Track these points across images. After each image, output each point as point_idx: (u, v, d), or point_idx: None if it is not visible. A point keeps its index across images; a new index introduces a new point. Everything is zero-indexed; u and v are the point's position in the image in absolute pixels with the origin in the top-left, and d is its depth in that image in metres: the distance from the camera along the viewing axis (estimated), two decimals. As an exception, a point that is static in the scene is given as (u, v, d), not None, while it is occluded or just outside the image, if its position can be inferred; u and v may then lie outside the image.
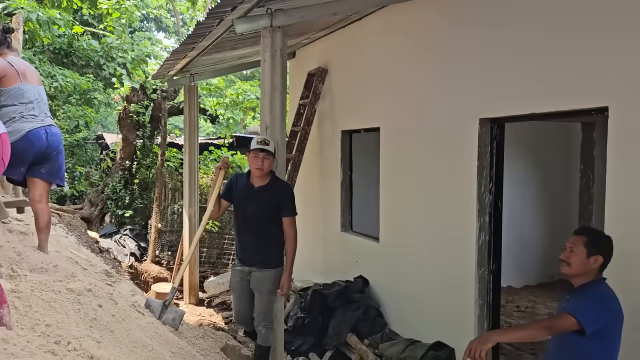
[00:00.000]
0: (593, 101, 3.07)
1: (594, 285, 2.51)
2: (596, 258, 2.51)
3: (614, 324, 2.45)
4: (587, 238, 2.54)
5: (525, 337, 2.56)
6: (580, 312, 2.38)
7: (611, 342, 2.48)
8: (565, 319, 2.38)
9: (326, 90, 6.37)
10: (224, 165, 4.04)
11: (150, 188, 9.66)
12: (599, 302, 2.44)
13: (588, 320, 2.36)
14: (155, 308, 3.52)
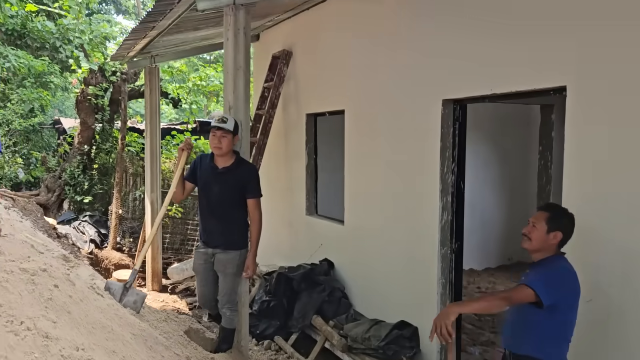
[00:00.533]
0: (551, 81, 3.13)
1: (553, 259, 2.58)
2: (556, 234, 2.57)
3: (571, 298, 2.53)
4: (549, 214, 2.61)
5: (484, 308, 2.62)
6: (538, 284, 2.44)
7: (568, 315, 2.55)
8: (522, 291, 2.44)
9: (291, 73, 6.31)
10: (186, 147, 3.97)
11: (110, 173, 9.41)
12: (557, 275, 2.51)
13: (545, 292, 2.42)
14: (115, 291, 3.43)
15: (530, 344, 2.55)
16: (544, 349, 2.52)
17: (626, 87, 2.75)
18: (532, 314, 2.53)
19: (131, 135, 9.68)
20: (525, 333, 2.58)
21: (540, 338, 2.52)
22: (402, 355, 4.23)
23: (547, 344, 2.52)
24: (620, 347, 2.82)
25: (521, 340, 2.60)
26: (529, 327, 2.56)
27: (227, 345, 3.92)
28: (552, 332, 2.52)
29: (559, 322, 2.53)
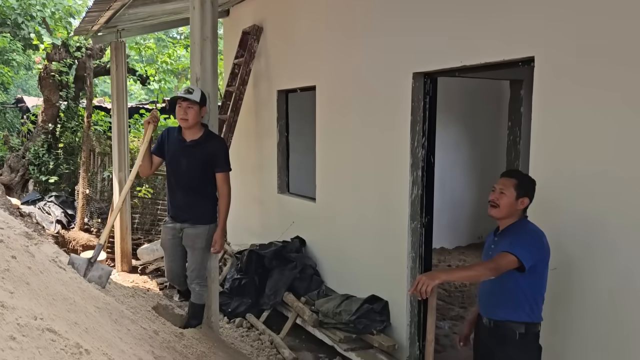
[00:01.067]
0: (520, 52, 3.14)
1: (522, 223, 2.62)
2: (523, 200, 2.61)
3: (546, 258, 2.58)
4: (517, 181, 2.63)
5: (472, 277, 2.65)
6: (518, 249, 2.47)
7: (543, 275, 2.61)
8: (506, 258, 2.47)
9: (261, 49, 6.21)
10: (153, 119, 3.86)
11: (76, 153, 9.16)
12: (532, 238, 2.55)
13: (526, 256, 2.46)
14: (79, 266, 3.33)
15: (510, 309, 2.59)
16: (523, 312, 2.57)
17: (593, 57, 2.77)
18: (511, 279, 2.57)
19: (98, 114, 9.42)
20: (505, 299, 2.62)
21: (520, 301, 2.57)
22: (372, 329, 4.26)
23: (526, 306, 2.57)
24: (584, 315, 2.88)
25: (500, 307, 2.64)
26: (510, 293, 2.59)
27: (197, 321, 3.87)
28: (530, 294, 2.57)
29: (536, 283, 2.58)
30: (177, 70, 10.14)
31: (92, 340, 2.20)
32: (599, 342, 2.81)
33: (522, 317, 2.57)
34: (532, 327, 2.59)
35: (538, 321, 2.62)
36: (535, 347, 2.63)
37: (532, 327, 2.59)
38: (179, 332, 3.37)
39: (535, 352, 2.64)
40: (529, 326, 2.58)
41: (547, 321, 2.97)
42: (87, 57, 8.43)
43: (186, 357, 3.02)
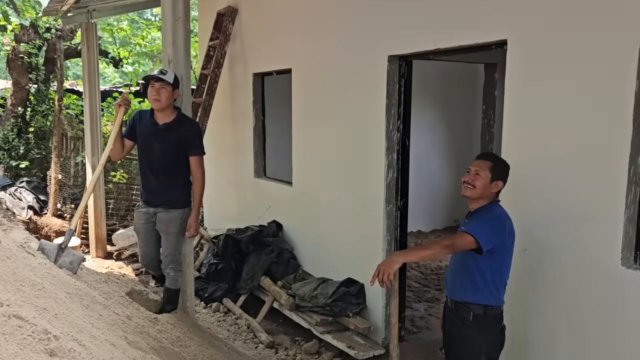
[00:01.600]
0: (492, 35, 3.15)
1: (490, 206, 2.65)
2: (497, 183, 2.64)
3: (509, 242, 2.61)
4: (492, 163, 2.66)
5: (428, 256, 2.67)
6: (477, 231, 2.50)
7: (505, 260, 2.64)
8: (464, 238, 2.50)
9: (237, 31, 6.12)
10: (124, 102, 3.78)
11: (47, 137, 8.93)
12: (494, 221, 2.57)
13: (484, 238, 2.49)
14: (50, 251, 3.27)
15: (470, 290, 2.62)
16: (482, 294, 2.61)
17: (563, 41, 2.79)
18: (471, 260, 2.60)
19: (69, 97, 9.19)
20: (465, 280, 2.65)
21: (478, 284, 2.60)
22: (348, 312, 4.29)
23: (485, 289, 2.60)
24: (551, 293, 2.95)
25: (461, 288, 2.67)
26: (469, 274, 2.63)
27: (172, 306, 3.85)
28: (490, 278, 2.60)
29: (497, 267, 2.61)
30: (152, 52, 9.92)
31: (61, 326, 2.16)
32: (566, 321, 2.88)
33: (480, 300, 2.61)
34: (491, 310, 2.62)
35: (498, 304, 2.65)
36: (495, 330, 2.67)
37: (490, 310, 2.62)
38: (153, 317, 3.35)
39: (495, 335, 2.68)
40: (487, 309, 2.61)
41: (517, 301, 3.04)
42: (57, 39, 8.18)
43: (160, 342, 3.00)
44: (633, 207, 2.62)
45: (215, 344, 3.72)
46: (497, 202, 2.69)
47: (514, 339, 3.16)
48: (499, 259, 2.59)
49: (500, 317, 2.69)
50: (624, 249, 2.62)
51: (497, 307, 2.66)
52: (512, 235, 2.62)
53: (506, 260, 2.64)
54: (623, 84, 2.55)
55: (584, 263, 2.77)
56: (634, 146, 2.56)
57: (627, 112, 2.55)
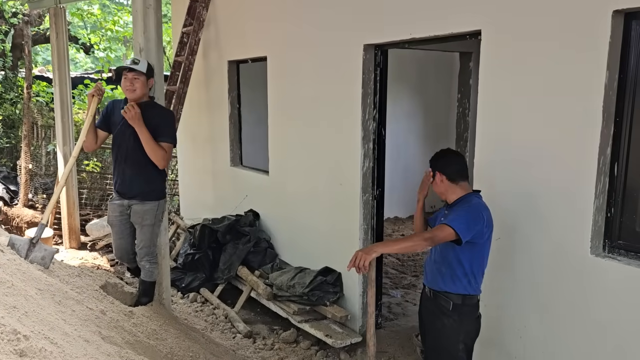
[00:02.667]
0: (467, 25, 3.16)
1: (466, 197, 2.69)
2: (440, 176, 2.76)
3: (485, 232, 2.64)
4: (430, 164, 2.84)
5: (408, 248, 2.71)
6: (456, 222, 2.54)
7: (483, 249, 2.68)
8: (443, 230, 2.53)
9: (210, 17, 6.01)
10: (97, 92, 3.69)
11: (17, 126, 8.71)
12: (472, 212, 2.61)
13: (463, 229, 2.53)
14: (21, 247, 3.20)
15: (449, 280, 2.66)
16: (461, 284, 2.66)
17: (534, 31, 2.82)
18: (451, 251, 2.64)
19: (39, 84, 8.95)
20: (444, 270, 2.70)
21: (457, 274, 2.64)
22: (325, 300, 4.32)
23: (464, 279, 2.65)
24: (523, 281, 3.01)
25: (441, 277, 2.71)
26: (448, 264, 2.67)
27: (148, 298, 3.81)
28: (469, 268, 2.65)
29: (476, 257, 2.66)
30: (124, 38, 9.69)
31: (32, 324, 2.13)
32: (537, 308, 2.95)
33: (459, 289, 2.66)
34: (469, 299, 2.68)
35: (476, 294, 2.71)
36: (471, 318, 2.73)
37: (468, 299, 2.68)
38: (129, 311, 3.31)
39: (472, 324, 2.74)
40: (465, 298, 2.66)
41: (490, 289, 3.10)
42: (24, 24, 7.92)
43: (135, 335, 2.97)
44: (602, 196, 2.67)
45: (192, 335, 3.71)
46: (475, 193, 2.74)
47: (487, 327, 3.22)
48: (478, 249, 2.64)
49: (477, 305, 2.75)
50: (593, 238, 2.68)
51: (475, 296, 2.72)
52: (490, 225, 2.67)
53: (484, 250, 2.69)
54: (593, 76, 2.59)
55: (555, 251, 2.83)
56: (603, 137, 2.61)
57: (596, 103, 2.59)
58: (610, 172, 2.66)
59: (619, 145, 2.62)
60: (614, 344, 2.61)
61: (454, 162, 2.77)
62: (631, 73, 2.56)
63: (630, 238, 2.64)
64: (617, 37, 2.53)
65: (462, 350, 2.71)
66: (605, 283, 2.63)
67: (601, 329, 2.66)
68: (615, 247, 2.68)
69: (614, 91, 2.59)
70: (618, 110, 2.61)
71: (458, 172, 2.74)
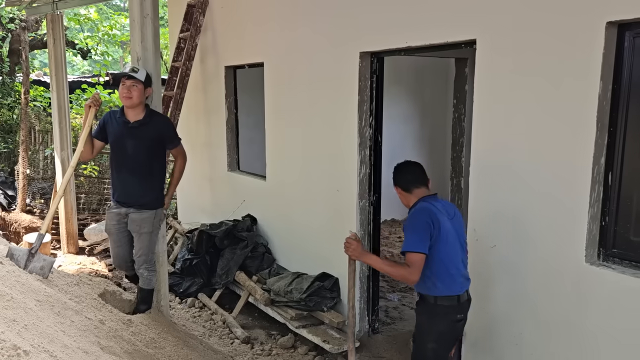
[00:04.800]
0: (462, 34, 3.18)
1: (414, 207, 2.82)
2: (396, 189, 2.92)
3: (433, 232, 2.69)
4: (393, 181, 2.96)
5: (387, 272, 2.84)
6: (410, 245, 2.65)
7: (438, 248, 2.71)
8: (411, 259, 2.64)
9: (208, 23, 6.02)
10: (94, 103, 3.70)
11: (14, 131, 8.71)
12: (416, 224, 2.71)
13: (420, 246, 2.63)
14: (20, 257, 3.21)
15: (420, 281, 2.71)
16: (426, 285, 2.75)
17: (529, 41, 2.84)
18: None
19: (36, 89, 8.95)
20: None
21: (423, 276, 2.69)
22: (323, 306, 4.34)
23: (428, 281, 2.73)
24: (518, 288, 3.04)
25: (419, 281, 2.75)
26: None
27: (146, 306, 3.83)
28: (429, 270, 2.69)
29: (432, 259, 2.69)
30: (120, 41, 9.68)
31: (32, 338, 2.14)
32: (531, 315, 2.98)
33: (426, 290, 2.78)
34: (442, 299, 2.74)
35: (450, 294, 2.74)
36: (446, 320, 2.77)
37: (441, 300, 2.74)
38: (127, 319, 3.33)
39: (446, 325, 2.79)
40: (437, 299, 2.74)
41: (485, 296, 3.12)
42: (21, 30, 7.94)
43: (134, 345, 2.99)
44: (596, 205, 2.70)
45: (191, 343, 3.73)
46: (423, 198, 2.82)
47: (483, 334, 3.25)
48: (431, 252, 2.68)
49: (455, 308, 2.76)
50: (588, 246, 2.70)
51: (449, 296, 2.74)
52: (437, 224, 2.69)
53: (437, 252, 2.69)
54: (587, 86, 2.61)
55: (550, 259, 2.86)
56: (597, 147, 2.63)
57: (590, 113, 2.61)
58: (605, 181, 2.69)
59: (612, 155, 2.65)
60: (608, 352, 2.64)
61: (404, 172, 2.91)
62: (624, 83, 2.58)
63: (624, 246, 2.67)
64: (611, 48, 2.56)
65: (430, 349, 2.79)
66: (599, 291, 2.65)
67: (596, 337, 2.68)
68: (610, 255, 2.70)
69: (607, 101, 2.62)
70: (612, 120, 2.63)
71: (409, 181, 2.87)
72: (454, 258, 2.75)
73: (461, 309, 2.80)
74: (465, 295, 2.81)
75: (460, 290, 2.77)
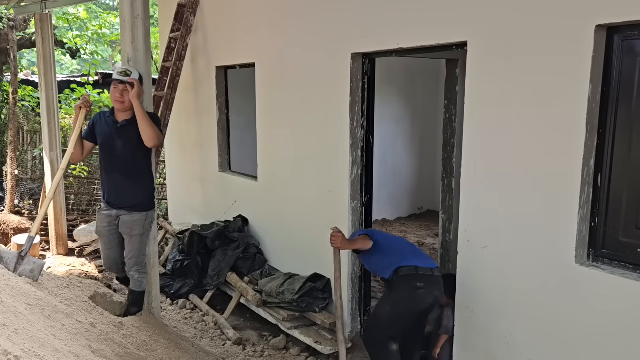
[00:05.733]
0: (453, 36, 3.20)
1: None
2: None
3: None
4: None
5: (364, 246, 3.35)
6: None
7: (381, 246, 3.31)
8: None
9: (198, 23, 6.00)
10: (84, 104, 3.68)
11: (2, 131, 8.62)
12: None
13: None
14: (9, 260, 3.19)
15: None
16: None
17: (520, 43, 2.86)
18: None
19: (24, 89, 8.86)
20: None
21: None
22: (315, 307, 4.34)
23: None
24: (509, 289, 3.06)
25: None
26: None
27: (137, 308, 3.81)
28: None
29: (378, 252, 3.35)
30: (110, 41, 9.60)
31: (22, 342, 2.12)
32: (523, 315, 3.00)
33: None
34: (400, 270, 3.20)
35: (408, 265, 3.20)
36: (404, 287, 3.18)
37: (399, 271, 3.20)
38: (118, 322, 3.31)
39: (404, 292, 3.18)
40: (396, 271, 3.21)
41: (477, 296, 3.14)
42: (9, 29, 7.84)
43: (126, 347, 2.98)
44: (586, 206, 2.73)
45: (182, 345, 3.72)
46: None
47: (474, 332, 3.27)
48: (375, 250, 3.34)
49: (412, 277, 3.17)
50: (578, 247, 2.73)
51: (406, 267, 3.19)
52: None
53: (381, 246, 3.35)
54: (577, 89, 2.64)
55: (541, 260, 2.88)
56: (587, 148, 2.66)
57: (580, 115, 2.64)
58: (594, 183, 2.71)
59: (602, 157, 2.68)
60: (598, 351, 2.66)
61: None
62: (614, 86, 2.61)
63: (614, 247, 2.70)
64: (600, 51, 2.58)
65: (387, 312, 3.21)
66: (589, 291, 2.68)
67: (586, 337, 2.71)
68: (600, 256, 2.73)
69: (597, 104, 2.64)
70: (601, 122, 2.66)
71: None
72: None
73: (419, 277, 3.16)
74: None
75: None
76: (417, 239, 7.28)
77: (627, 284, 2.53)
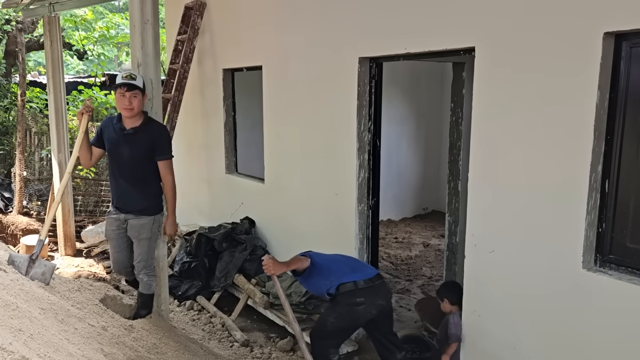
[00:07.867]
0: (461, 42, 3.21)
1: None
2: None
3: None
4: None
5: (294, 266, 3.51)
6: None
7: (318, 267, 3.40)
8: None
9: (205, 25, 6.03)
10: (86, 110, 3.70)
11: (11, 132, 8.68)
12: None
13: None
14: (20, 263, 3.23)
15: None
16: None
17: (528, 50, 2.88)
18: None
19: (32, 91, 8.92)
20: None
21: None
22: (322, 309, 4.36)
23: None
24: (516, 294, 3.08)
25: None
26: None
27: (147, 310, 3.85)
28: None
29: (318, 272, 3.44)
30: (116, 43, 9.66)
31: (37, 347, 2.16)
32: (530, 319, 3.02)
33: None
34: (342, 287, 3.28)
35: (348, 281, 3.28)
36: (343, 304, 3.27)
37: (341, 288, 3.28)
38: (129, 325, 3.35)
39: (344, 308, 3.27)
40: (338, 287, 3.29)
41: (484, 301, 3.16)
42: (18, 31, 7.90)
43: (136, 350, 3.01)
44: (594, 212, 2.74)
45: (191, 347, 3.75)
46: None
47: (481, 338, 3.29)
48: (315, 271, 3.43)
49: (352, 293, 3.24)
50: (585, 252, 2.75)
51: (346, 284, 3.26)
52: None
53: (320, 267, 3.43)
54: (585, 95, 2.65)
55: (548, 265, 2.90)
56: (594, 154, 2.67)
57: (588, 122, 2.65)
58: (602, 189, 2.73)
59: (609, 163, 2.69)
60: (605, 357, 2.68)
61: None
62: (621, 92, 2.62)
63: (621, 253, 2.71)
64: (608, 58, 2.59)
65: (330, 324, 3.31)
66: (596, 297, 2.69)
67: (592, 342, 2.72)
68: (607, 261, 2.75)
69: (605, 110, 2.66)
70: (609, 129, 2.67)
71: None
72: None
73: (358, 294, 3.24)
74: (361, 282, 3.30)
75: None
76: (422, 240, 7.30)
77: (634, 290, 2.55)
